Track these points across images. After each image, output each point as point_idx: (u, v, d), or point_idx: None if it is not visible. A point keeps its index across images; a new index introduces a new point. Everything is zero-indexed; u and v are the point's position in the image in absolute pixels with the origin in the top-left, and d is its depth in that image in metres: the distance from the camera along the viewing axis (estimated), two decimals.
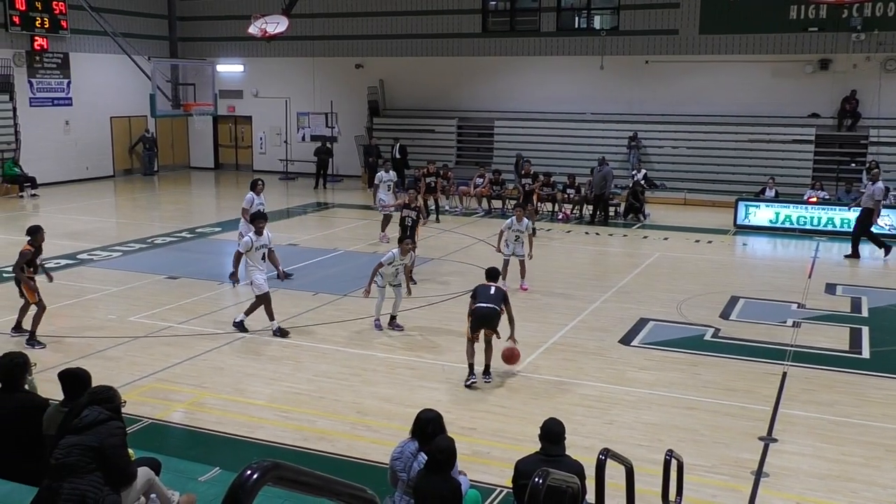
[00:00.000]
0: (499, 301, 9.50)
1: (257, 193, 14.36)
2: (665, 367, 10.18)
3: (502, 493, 6.91)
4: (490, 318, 9.39)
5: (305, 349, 10.73)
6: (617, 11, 26.43)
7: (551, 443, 5.51)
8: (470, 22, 28.04)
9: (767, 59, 24.54)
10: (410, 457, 5.48)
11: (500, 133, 27.36)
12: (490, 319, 9.39)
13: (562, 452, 5.51)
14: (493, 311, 9.41)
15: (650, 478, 6.65)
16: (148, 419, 8.35)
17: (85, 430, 4.58)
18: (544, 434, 5.55)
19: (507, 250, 13.86)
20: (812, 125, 24.15)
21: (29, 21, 25.84)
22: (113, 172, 29.73)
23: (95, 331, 11.40)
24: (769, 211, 20.33)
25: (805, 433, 8.29)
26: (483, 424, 8.39)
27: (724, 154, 24.53)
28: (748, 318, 12.43)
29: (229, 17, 30.32)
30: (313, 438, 8.01)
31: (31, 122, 26.04)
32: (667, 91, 25.60)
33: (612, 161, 23.54)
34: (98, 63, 28.19)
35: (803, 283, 14.74)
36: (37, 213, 22.38)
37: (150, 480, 4.93)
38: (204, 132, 31.97)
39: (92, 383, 5.35)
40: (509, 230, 13.82)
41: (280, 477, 2.62)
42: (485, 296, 9.54)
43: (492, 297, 9.52)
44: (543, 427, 5.57)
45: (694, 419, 8.58)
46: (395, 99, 29.50)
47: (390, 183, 18.36)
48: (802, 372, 10.05)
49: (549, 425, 5.58)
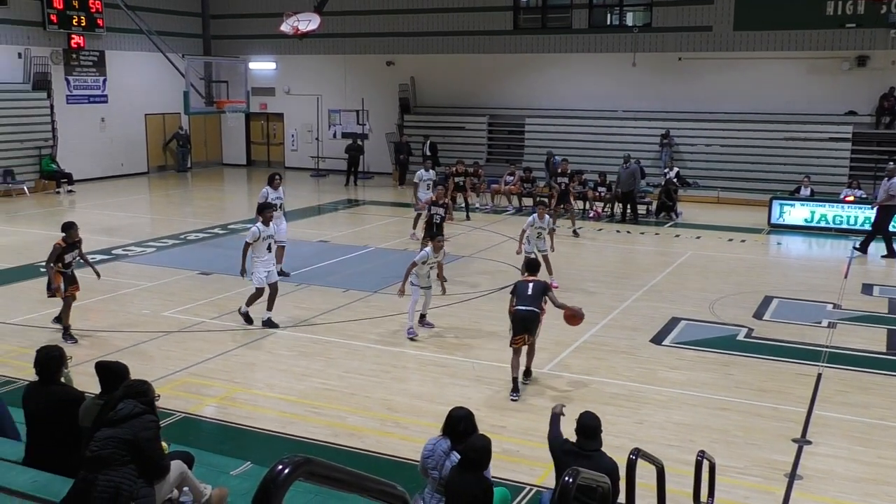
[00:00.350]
0: (538, 299, 9.24)
1: (274, 188, 14.23)
2: (697, 367, 10.09)
3: (531, 491, 6.90)
4: (528, 321, 9.13)
5: (336, 346, 10.77)
6: (650, 8, 26.21)
7: (587, 438, 5.47)
8: (501, 19, 27.97)
9: (803, 55, 24.20)
10: (443, 455, 5.47)
11: (531, 131, 27.27)
12: (529, 323, 9.13)
13: (598, 447, 5.48)
14: (531, 314, 9.15)
15: (681, 478, 6.61)
16: (181, 413, 8.45)
17: (120, 423, 4.64)
18: (580, 429, 5.51)
19: (529, 247, 13.85)
20: (849, 123, 23.77)
21: (66, 19, 26.24)
22: (147, 169, 30.12)
23: (129, 325, 11.56)
24: (804, 210, 20.05)
25: (840, 435, 8.17)
26: (513, 423, 8.38)
27: (759, 152, 24.23)
28: (782, 318, 12.28)
29: (262, 14, 30.51)
30: (344, 434, 8.05)
31: (68, 119, 26.44)
32: (700, 88, 25.34)
33: (643, 159, 23.42)
34: (133, 61, 28.56)
35: (839, 283, 14.52)
36: (73, 208, 22.73)
37: (182, 474, 4.98)
38: (236, 129, 32.27)
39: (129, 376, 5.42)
40: (532, 227, 13.81)
41: (311, 472, 2.64)
42: (523, 295, 9.26)
43: (530, 296, 9.21)
44: (579, 421, 5.54)
45: (726, 420, 8.49)
46: (426, 96, 29.52)
47: (430, 181, 18.29)
48: (837, 373, 9.90)
49: (584, 420, 5.53)
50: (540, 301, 9.29)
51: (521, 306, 9.22)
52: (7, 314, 12.01)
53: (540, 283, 9.48)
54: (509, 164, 24.05)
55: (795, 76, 24.41)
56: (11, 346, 10.61)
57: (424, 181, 18.24)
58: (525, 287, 9.39)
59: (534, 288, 9.34)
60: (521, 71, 27.66)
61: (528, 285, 9.41)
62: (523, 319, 9.16)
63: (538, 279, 9.65)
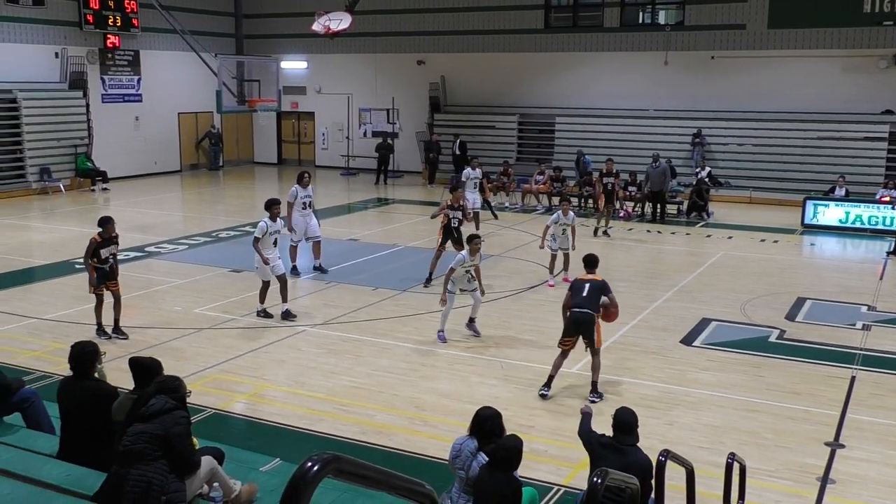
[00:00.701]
0: (594, 300, 8.84)
1: (303, 186, 14.23)
2: (727, 369, 9.99)
3: (560, 491, 6.88)
4: (582, 324, 8.80)
5: (365, 344, 10.82)
6: (682, 6, 25.99)
7: (623, 433, 5.47)
8: (532, 18, 27.89)
9: (839, 53, 23.85)
10: (469, 456, 5.47)
11: (561, 130, 27.16)
12: (582, 326, 8.81)
13: (634, 442, 5.47)
14: (585, 316, 8.78)
15: (711, 480, 6.55)
16: (211, 409, 8.53)
17: (152, 419, 4.70)
18: (616, 423, 5.51)
19: (555, 245, 13.84)
20: (886, 122, 23.39)
21: (102, 20, 26.61)
22: (180, 167, 30.46)
23: (162, 322, 11.69)
24: (839, 210, 19.77)
25: (874, 439, 8.05)
26: (541, 423, 8.36)
27: (792, 152, 23.93)
28: (815, 319, 12.12)
29: (294, 14, 30.70)
30: (371, 432, 8.08)
31: (103, 117, 26.81)
32: (732, 87, 25.07)
33: (675, 159, 23.25)
34: (167, 60, 28.88)
35: (874, 284, 14.30)
36: (107, 206, 23.04)
37: (213, 469, 5.03)
38: (267, 128, 32.52)
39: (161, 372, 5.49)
40: (556, 224, 13.85)
41: (340, 469, 2.65)
42: (579, 295, 8.88)
43: (585, 297, 8.84)
44: (615, 416, 5.54)
45: (757, 422, 8.40)
46: (456, 95, 29.52)
47: (477, 180, 18.22)
48: (871, 376, 9.76)
49: (621, 415, 5.54)
50: (597, 302, 8.88)
51: (575, 307, 8.89)
52: (43, 310, 12.22)
53: (597, 283, 9.06)
54: (539, 164, 23.96)
55: (830, 75, 24.06)
56: (47, 342, 10.79)
57: (472, 180, 18.07)
58: (581, 286, 9.00)
59: (590, 288, 8.93)
60: (551, 70, 27.57)
61: (584, 284, 9.01)
62: (576, 322, 8.85)
63: (596, 278, 9.20)
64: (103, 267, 10.75)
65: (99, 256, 10.71)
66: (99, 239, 10.70)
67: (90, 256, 10.69)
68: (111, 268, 10.85)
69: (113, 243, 10.90)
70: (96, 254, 10.70)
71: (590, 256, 9.58)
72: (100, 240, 10.71)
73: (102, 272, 10.76)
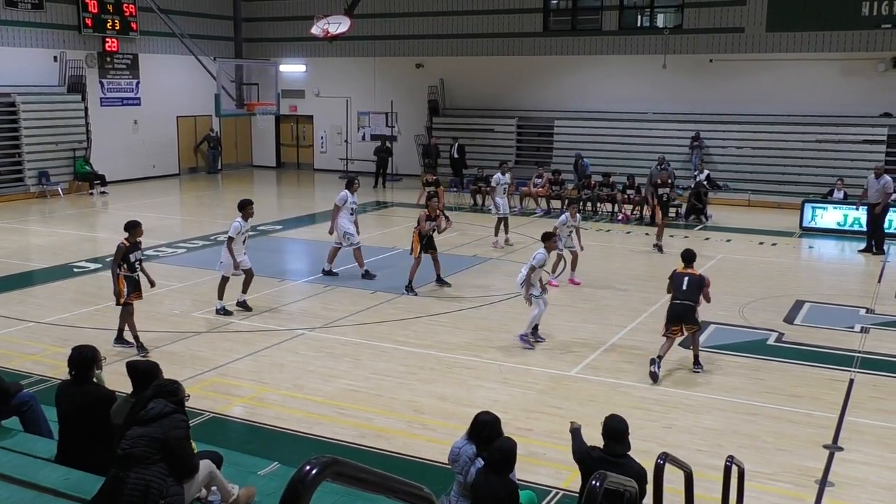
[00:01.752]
0: (693, 294, 9.68)
1: (352, 192, 14.52)
2: (726, 372, 9.99)
3: (558, 494, 6.88)
4: (684, 315, 9.64)
5: (364, 347, 10.82)
6: (681, 9, 26.03)
7: (614, 441, 5.43)
8: (531, 21, 27.92)
9: (837, 56, 23.89)
10: (468, 461, 5.48)
11: (560, 133, 27.18)
12: (684, 316, 9.65)
13: (625, 451, 5.44)
14: (686, 308, 9.62)
15: (710, 484, 6.55)
16: (209, 413, 8.53)
17: (151, 422, 4.70)
18: (607, 432, 5.46)
19: (560, 244, 13.91)
20: (884, 125, 23.43)
21: (101, 23, 26.63)
22: (178, 170, 30.46)
23: (160, 325, 11.68)
24: (837, 213, 19.78)
25: (872, 442, 8.05)
26: (539, 425, 8.35)
27: (791, 154, 23.97)
28: (814, 322, 12.13)
29: (292, 18, 30.77)
30: (370, 436, 8.08)
31: (102, 121, 26.81)
32: (731, 90, 25.11)
33: (673, 161, 23.25)
34: (166, 64, 28.90)
35: (872, 287, 14.31)
36: (106, 209, 23.05)
37: (211, 473, 5.02)
38: (266, 131, 32.52)
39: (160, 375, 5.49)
40: (564, 226, 14.00)
41: (339, 473, 2.65)
42: (679, 288, 9.76)
43: (684, 291, 9.68)
44: (605, 424, 5.49)
45: (756, 425, 8.40)
46: (455, 98, 29.54)
47: (506, 185, 18.15)
48: (870, 379, 9.77)
49: (611, 423, 5.48)
50: (696, 295, 9.73)
51: (676, 300, 9.75)
52: (41, 314, 12.21)
53: (695, 278, 9.84)
54: (538, 167, 23.97)
55: (829, 78, 24.10)
56: (45, 346, 10.78)
57: (501, 185, 17.88)
58: (681, 280, 9.84)
59: (689, 283, 9.77)
60: (550, 73, 27.60)
61: (683, 279, 9.83)
62: (677, 314, 9.69)
63: (694, 273, 9.94)
64: (133, 275, 10.32)
65: (128, 261, 10.27)
66: (127, 244, 10.29)
67: (120, 263, 10.22)
68: (137, 277, 10.40)
69: (139, 248, 10.51)
70: (125, 259, 10.25)
71: (687, 252, 10.29)
72: (128, 244, 10.29)
73: (133, 281, 10.32)
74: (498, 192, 17.78)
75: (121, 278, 10.23)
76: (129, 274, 10.29)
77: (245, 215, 12.02)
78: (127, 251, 10.29)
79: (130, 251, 10.33)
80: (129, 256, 10.32)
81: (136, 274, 10.38)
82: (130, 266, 10.33)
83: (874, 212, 17.17)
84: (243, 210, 12.05)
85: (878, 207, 17.04)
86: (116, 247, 10.33)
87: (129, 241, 10.34)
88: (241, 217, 12.00)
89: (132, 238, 10.37)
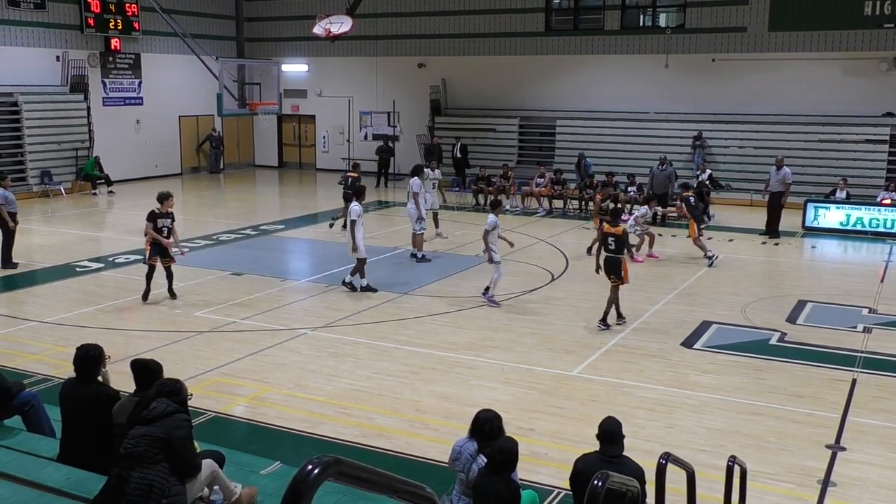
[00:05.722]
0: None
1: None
2: (728, 371, 9.98)
3: (560, 494, 6.87)
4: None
5: (366, 346, 10.82)
6: (683, 9, 26.00)
7: (609, 443, 5.43)
8: (533, 20, 27.91)
9: (840, 56, 23.86)
10: (469, 458, 5.48)
11: (562, 132, 27.17)
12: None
13: (620, 453, 5.44)
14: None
15: (712, 483, 6.55)
16: (212, 412, 8.53)
17: (153, 422, 4.70)
18: (602, 434, 5.48)
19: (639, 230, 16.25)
20: (886, 124, 23.39)
21: (103, 23, 26.65)
22: (181, 170, 30.48)
23: (162, 325, 11.69)
24: (840, 213, 19.76)
25: (875, 442, 8.04)
26: (541, 425, 8.35)
27: (793, 154, 23.85)
28: (816, 322, 12.12)
29: (295, 17, 30.77)
30: (372, 435, 8.08)
31: (104, 121, 26.84)
32: (733, 90, 25.09)
33: (675, 161, 23.22)
34: (168, 63, 28.92)
35: (875, 287, 14.30)
36: (109, 209, 23.07)
37: (213, 473, 5.03)
38: (268, 131, 32.53)
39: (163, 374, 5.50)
40: (642, 217, 16.43)
41: (341, 472, 2.65)
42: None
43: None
44: (601, 427, 5.50)
45: (758, 425, 8.39)
46: (457, 98, 29.54)
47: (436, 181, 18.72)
48: (873, 379, 9.75)
49: (606, 425, 5.49)
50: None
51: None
52: (44, 313, 12.22)
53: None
54: (539, 166, 23.96)
55: (831, 77, 24.08)
56: (48, 345, 10.79)
57: (430, 180, 18.15)
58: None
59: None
60: (552, 72, 27.59)
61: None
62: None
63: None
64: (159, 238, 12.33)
65: (156, 227, 12.28)
66: (158, 212, 12.34)
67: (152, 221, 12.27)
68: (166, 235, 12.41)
69: (170, 217, 12.49)
70: (154, 224, 12.27)
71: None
72: (158, 213, 12.34)
73: (158, 247, 12.39)
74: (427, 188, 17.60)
75: (147, 240, 12.41)
76: (155, 239, 12.33)
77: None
78: (157, 217, 12.35)
79: (160, 217, 12.37)
80: (158, 222, 12.35)
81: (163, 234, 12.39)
82: (158, 231, 12.34)
83: (780, 202, 18.76)
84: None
85: (784, 198, 18.75)
86: (149, 212, 12.43)
87: (161, 210, 12.39)
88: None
89: (164, 208, 12.42)
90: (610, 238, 11.59)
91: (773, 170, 19.06)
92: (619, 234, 11.48)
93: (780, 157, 19.35)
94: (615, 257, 11.56)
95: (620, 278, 11.53)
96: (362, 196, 13.59)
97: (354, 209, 13.25)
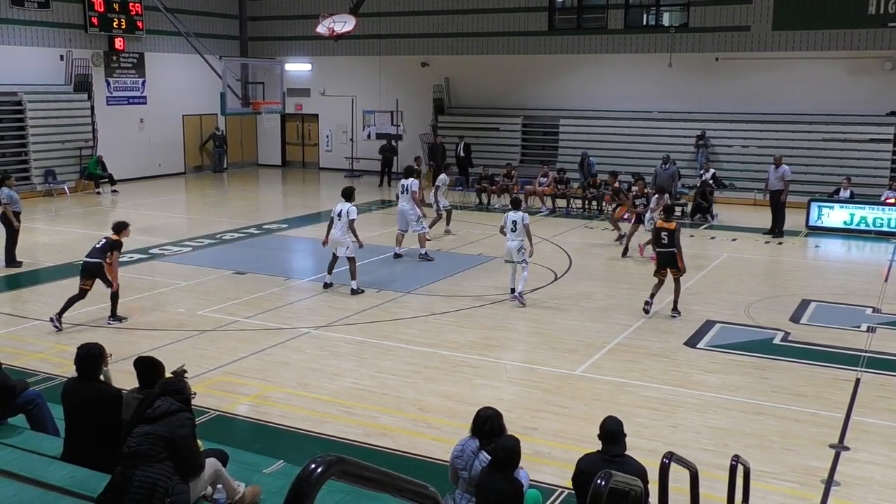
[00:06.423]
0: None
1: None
2: (732, 371, 9.97)
3: (563, 493, 6.87)
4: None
5: (369, 346, 10.82)
6: (687, 8, 25.96)
7: (611, 442, 5.43)
8: (536, 20, 27.89)
9: (844, 55, 23.81)
10: (472, 455, 5.49)
11: (565, 132, 27.15)
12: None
13: (622, 452, 5.44)
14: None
15: (715, 483, 6.54)
16: (215, 411, 8.54)
17: (157, 420, 4.71)
18: (603, 433, 5.48)
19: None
20: (891, 124, 23.33)
21: (107, 22, 26.68)
22: (184, 169, 30.51)
23: (165, 324, 11.71)
24: (843, 212, 19.73)
25: (879, 442, 8.03)
26: (544, 424, 8.35)
27: (797, 153, 23.85)
28: (820, 322, 12.10)
29: (298, 16, 30.79)
30: (375, 434, 8.08)
31: (108, 120, 26.87)
32: (737, 89, 25.05)
33: (679, 160, 23.18)
34: (171, 62, 28.95)
35: (879, 286, 14.27)
36: (113, 208, 23.10)
37: (217, 471, 5.04)
38: (272, 130, 32.55)
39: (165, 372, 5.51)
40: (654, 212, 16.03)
41: (344, 471, 2.66)
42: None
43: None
44: (602, 426, 5.51)
45: (761, 424, 8.38)
46: (460, 97, 29.53)
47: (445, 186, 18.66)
48: (877, 378, 9.74)
49: (607, 424, 5.50)
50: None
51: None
52: (48, 312, 12.21)
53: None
54: (542, 166, 23.93)
55: (835, 76, 24.03)
56: (51, 344, 10.81)
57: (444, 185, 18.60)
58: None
59: None
60: (555, 72, 27.56)
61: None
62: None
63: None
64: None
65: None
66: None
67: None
68: None
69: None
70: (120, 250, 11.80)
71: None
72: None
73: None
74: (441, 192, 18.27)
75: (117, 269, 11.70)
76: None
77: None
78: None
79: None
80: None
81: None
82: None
83: (780, 200, 18.65)
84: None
85: (784, 195, 18.65)
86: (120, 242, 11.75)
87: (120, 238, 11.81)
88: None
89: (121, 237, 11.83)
90: (663, 233, 12.17)
91: (771, 168, 19.08)
92: (672, 228, 12.03)
93: (779, 156, 19.38)
94: (669, 251, 12.07)
95: (678, 269, 12.06)
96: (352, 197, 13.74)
97: (353, 209, 13.41)
